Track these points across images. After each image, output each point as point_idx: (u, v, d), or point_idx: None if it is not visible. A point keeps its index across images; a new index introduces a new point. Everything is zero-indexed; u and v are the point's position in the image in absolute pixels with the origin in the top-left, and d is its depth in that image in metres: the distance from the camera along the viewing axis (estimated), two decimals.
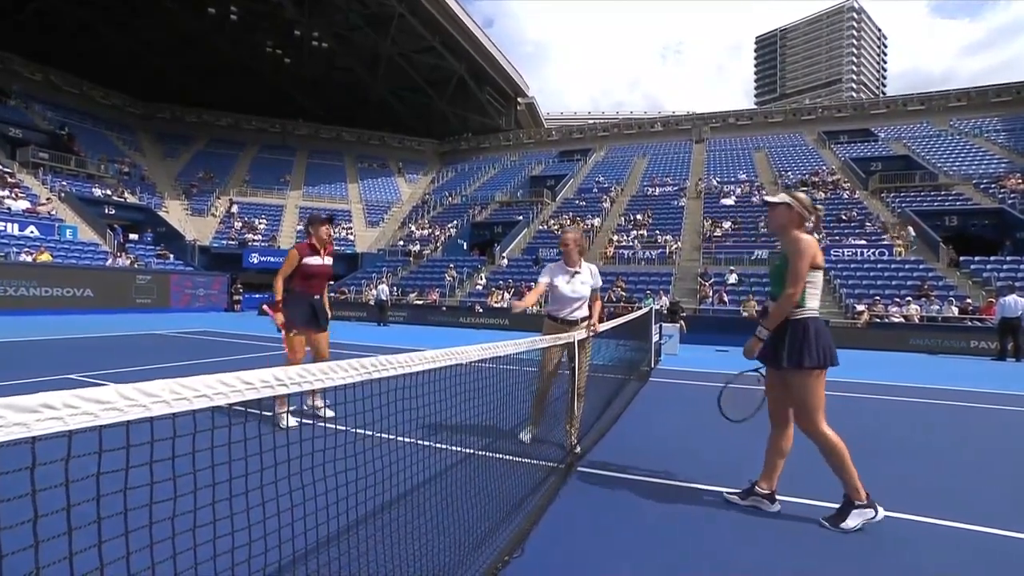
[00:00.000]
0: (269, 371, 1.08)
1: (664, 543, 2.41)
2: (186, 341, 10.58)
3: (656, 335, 9.06)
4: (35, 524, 0.77)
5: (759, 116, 38.96)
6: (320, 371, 1.21)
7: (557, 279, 3.76)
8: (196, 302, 21.76)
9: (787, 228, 2.75)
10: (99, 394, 0.78)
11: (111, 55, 34.59)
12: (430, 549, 1.96)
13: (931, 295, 15.30)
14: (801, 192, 2.92)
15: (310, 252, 4.37)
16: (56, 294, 17.28)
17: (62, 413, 0.73)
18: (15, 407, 0.68)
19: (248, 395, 1.02)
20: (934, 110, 33.29)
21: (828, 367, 2.63)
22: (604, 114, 72.47)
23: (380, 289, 18.94)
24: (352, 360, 1.33)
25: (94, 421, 0.76)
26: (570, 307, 3.76)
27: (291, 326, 4.23)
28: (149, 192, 29.09)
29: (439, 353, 1.70)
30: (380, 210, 35.06)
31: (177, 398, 0.88)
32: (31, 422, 0.69)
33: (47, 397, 0.71)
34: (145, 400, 0.83)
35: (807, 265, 2.60)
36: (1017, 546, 2.44)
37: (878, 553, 2.35)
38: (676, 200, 26.77)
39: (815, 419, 2.64)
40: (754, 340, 2.71)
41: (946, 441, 4.51)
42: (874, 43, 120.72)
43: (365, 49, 36.38)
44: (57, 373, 6.12)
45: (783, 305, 2.60)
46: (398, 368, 1.46)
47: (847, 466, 2.62)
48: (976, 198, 21.53)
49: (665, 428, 4.68)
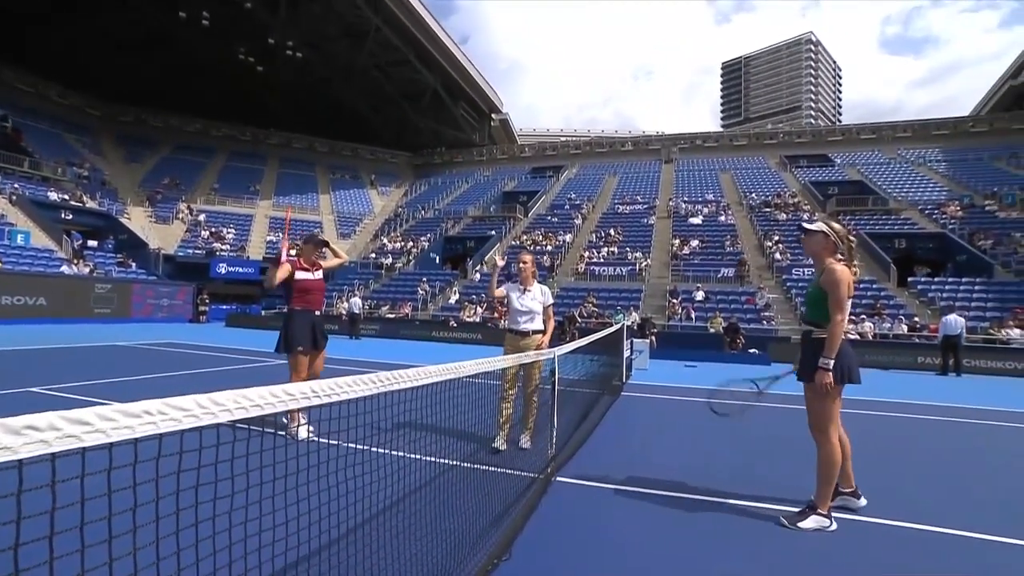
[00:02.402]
0: (274, 388, 1.13)
1: (641, 547, 2.57)
2: (149, 353, 10.27)
3: (628, 350, 9.33)
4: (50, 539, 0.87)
5: (725, 139, 40.59)
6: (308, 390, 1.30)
7: (512, 293, 4.38)
8: (159, 312, 21.03)
9: (821, 255, 2.99)
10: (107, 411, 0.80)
11: (71, 52, 33.24)
12: (417, 557, 2.07)
13: (883, 313, 16.19)
14: (837, 223, 3.14)
15: (301, 268, 4.46)
16: (5, 303, 16.44)
17: (48, 436, 0.72)
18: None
19: (252, 412, 1.05)
20: (884, 139, 35.49)
21: (847, 384, 2.88)
22: (576, 132, 73.89)
23: (352, 302, 18.76)
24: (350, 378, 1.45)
25: (104, 438, 0.78)
26: (520, 319, 4.32)
27: (294, 345, 4.27)
28: (110, 198, 28.06)
29: (440, 368, 1.83)
30: (352, 222, 34.74)
31: (173, 415, 0.99)
32: (16, 445, 0.69)
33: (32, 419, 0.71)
34: (132, 422, 0.83)
35: (846, 293, 2.82)
36: (949, 540, 2.71)
37: (836, 552, 2.58)
38: (646, 218, 27.53)
39: (828, 429, 2.88)
40: (822, 372, 2.81)
41: (896, 449, 4.86)
42: (830, 74, 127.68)
43: (340, 60, 36.30)
44: (17, 387, 5.91)
45: (836, 332, 2.80)
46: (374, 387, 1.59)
47: (832, 479, 2.88)
48: (921, 223, 22.99)
49: (637, 439, 4.88)
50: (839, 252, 2.99)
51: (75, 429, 0.76)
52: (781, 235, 22.86)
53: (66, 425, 0.75)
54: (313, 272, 4.52)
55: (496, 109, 45.07)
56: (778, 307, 17.71)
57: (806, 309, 3.08)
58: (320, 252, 4.67)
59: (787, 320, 16.78)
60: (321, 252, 4.69)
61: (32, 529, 0.77)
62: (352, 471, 1.76)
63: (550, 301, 4.41)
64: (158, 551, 1.05)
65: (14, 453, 0.69)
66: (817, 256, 3.02)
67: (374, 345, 15.25)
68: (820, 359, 2.83)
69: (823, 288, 2.89)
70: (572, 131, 76.03)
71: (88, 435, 0.77)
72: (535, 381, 4.19)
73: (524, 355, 3.19)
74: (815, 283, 2.99)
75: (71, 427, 0.75)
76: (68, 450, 0.75)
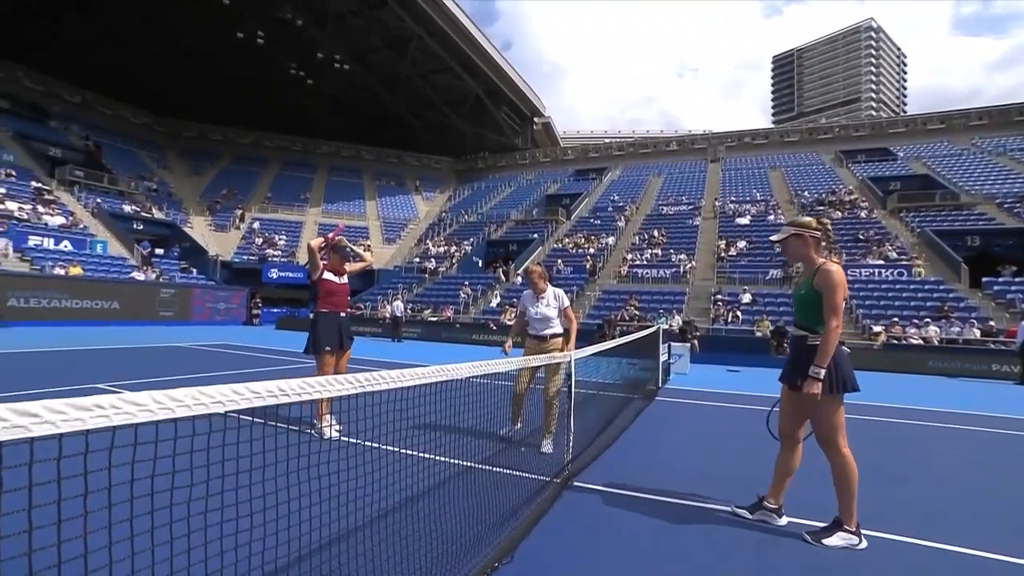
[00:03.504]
0: (276, 383, 1.23)
1: (654, 557, 2.49)
2: (205, 353, 10.91)
3: (664, 354, 9.08)
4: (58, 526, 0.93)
5: (775, 135, 38.92)
6: (320, 384, 1.36)
7: (528, 305, 4.55)
8: (216, 315, 22.32)
9: (807, 256, 2.83)
10: (137, 398, 0.94)
11: (143, 76, 36.10)
12: (423, 554, 2.09)
13: (951, 316, 15.00)
14: (804, 216, 3.00)
15: (331, 271, 4.67)
16: (85, 306, 17.94)
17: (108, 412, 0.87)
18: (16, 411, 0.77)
19: (255, 403, 1.18)
20: (955, 129, 32.89)
21: (847, 393, 2.70)
22: (620, 133, 72.94)
23: (395, 305, 19.21)
24: (358, 375, 1.48)
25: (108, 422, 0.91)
26: (538, 326, 4.49)
27: (322, 345, 4.46)
28: (175, 208, 30.11)
29: (432, 370, 1.85)
30: (397, 227, 35.68)
31: (189, 404, 1.04)
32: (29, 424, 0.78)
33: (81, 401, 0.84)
34: (133, 409, 0.97)
35: (842, 297, 2.67)
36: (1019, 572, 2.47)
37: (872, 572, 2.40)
38: (691, 219, 26.76)
39: (836, 440, 2.70)
40: (811, 382, 2.64)
41: (962, 466, 4.48)
42: (893, 62, 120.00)
43: (384, 69, 37.44)
44: (87, 383, 6.41)
45: (831, 339, 2.63)
46: (389, 383, 1.61)
47: (852, 491, 2.67)
48: (1000, 217, 21.12)
49: (665, 446, 4.73)
50: (822, 245, 2.83)
51: (24, 420, 0.81)
52: (836, 234, 21.55)
53: (13, 416, 0.81)
54: (340, 277, 4.70)
55: (538, 112, 45.15)
56: None
57: (797, 313, 2.89)
58: (347, 258, 4.87)
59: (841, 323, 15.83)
60: (348, 257, 4.89)
61: None
62: (366, 468, 1.81)
63: (565, 303, 4.50)
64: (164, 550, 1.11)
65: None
66: (804, 259, 2.85)
67: (415, 348, 15.57)
68: (811, 367, 2.64)
69: (817, 290, 2.71)
70: (616, 132, 75.10)
71: (37, 427, 0.83)
72: (556, 385, 4.17)
73: (536, 358, 3.17)
74: (806, 284, 2.80)
75: (19, 419, 0.81)
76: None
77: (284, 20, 32.19)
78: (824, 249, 2.86)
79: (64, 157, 27.41)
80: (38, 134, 28.62)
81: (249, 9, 31.38)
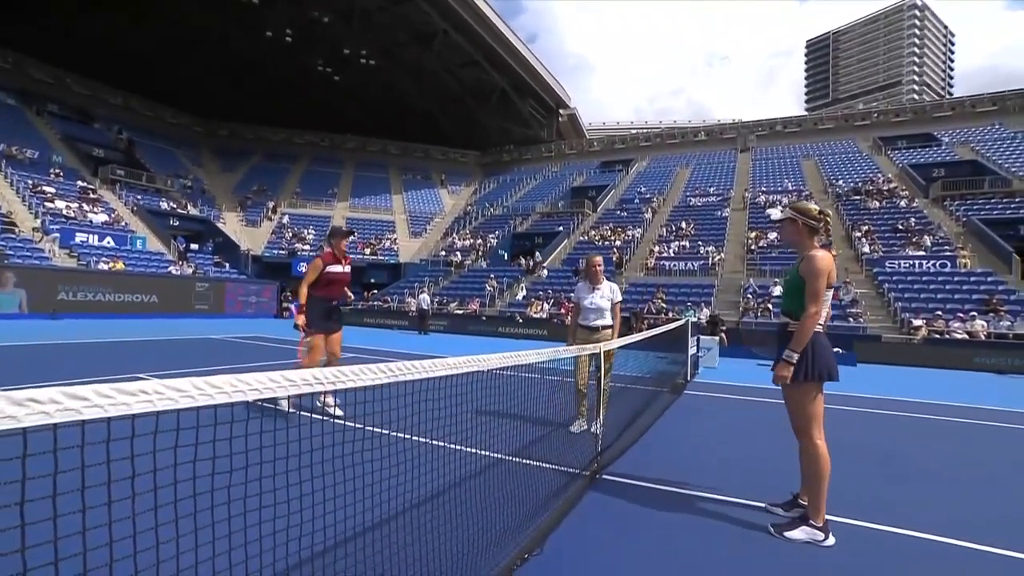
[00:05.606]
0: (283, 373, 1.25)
1: (680, 551, 2.45)
2: (235, 345, 11.24)
3: (693, 348, 8.92)
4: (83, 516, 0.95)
5: (808, 123, 37.59)
6: (339, 374, 1.37)
7: (583, 295, 4.67)
8: (248, 308, 22.96)
9: (800, 242, 2.80)
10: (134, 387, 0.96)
11: (179, 79, 37.32)
12: (455, 543, 2.10)
13: (1001, 310, 14.28)
14: (806, 202, 2.95)
15: (333, 261, 4.76)
16: (127, 299, 18.71)
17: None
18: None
19: (291, 391, 1.19)
20: (1008, 111, 30.95)
21: (827, 382, 2.66)
22: (647, 123, 71.59)
23: (421, 298, 19.40)
24: (380, 364, 1.49)
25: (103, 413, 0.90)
26: (590, 316, 4.61)
27: (310, 327, 4.63)
28: (209, 204, 31.03)
29: (465, 360, 1.84)
30: (423, 221, 35.97)
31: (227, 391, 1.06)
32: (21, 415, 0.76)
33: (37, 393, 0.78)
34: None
35: (824, 284, 2.62)
36: None
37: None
38: (719, 210, 26.16)
39: (810, 430, 2.66)
40: (783, 365, 2.64)
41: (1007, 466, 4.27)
42: (939, 42, 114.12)
43: (410, 64, 37.63)
44: (127, 372, 6.69)
45: (807, 325, 2.59)
46: (418, 373, 1.61)
47: (823, 485, 2.62)
48: None
49: (693, 440, 4.65)
50: (818, 235, 2.77)
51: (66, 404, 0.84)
52: (872, 224, 20.83)
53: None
54: (344, 265, 4.79)
55: (564, 104, 44.71)
56: (867, 303, 16.16)
57: (783, 299, 2.86)
58: (349, 242, 4.98)
59: (877, 317, 15.26)
60: (350, 242, 4.97)
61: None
62: (398, 458, 1.83)
63: (619, 298, 4.67)
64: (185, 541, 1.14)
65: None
66: (796, 244, 2.81)
67: (440, 340, 15.71)
68: (784, 351, 2.61)
69: (802, 276, 2.66)
70: (643, 123, 73.78)
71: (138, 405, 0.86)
72: (608, 371, 4.27)
73: (586, 346, 3.25)
74: (794, 270, 2.76)
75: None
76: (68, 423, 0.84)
77: (312, 18, 32.67)
78: (819, 239, 2.80)
79: (107, 157, 28.57)
80: (83, 135, 29.91)
81: (278, 9, 32.01)
